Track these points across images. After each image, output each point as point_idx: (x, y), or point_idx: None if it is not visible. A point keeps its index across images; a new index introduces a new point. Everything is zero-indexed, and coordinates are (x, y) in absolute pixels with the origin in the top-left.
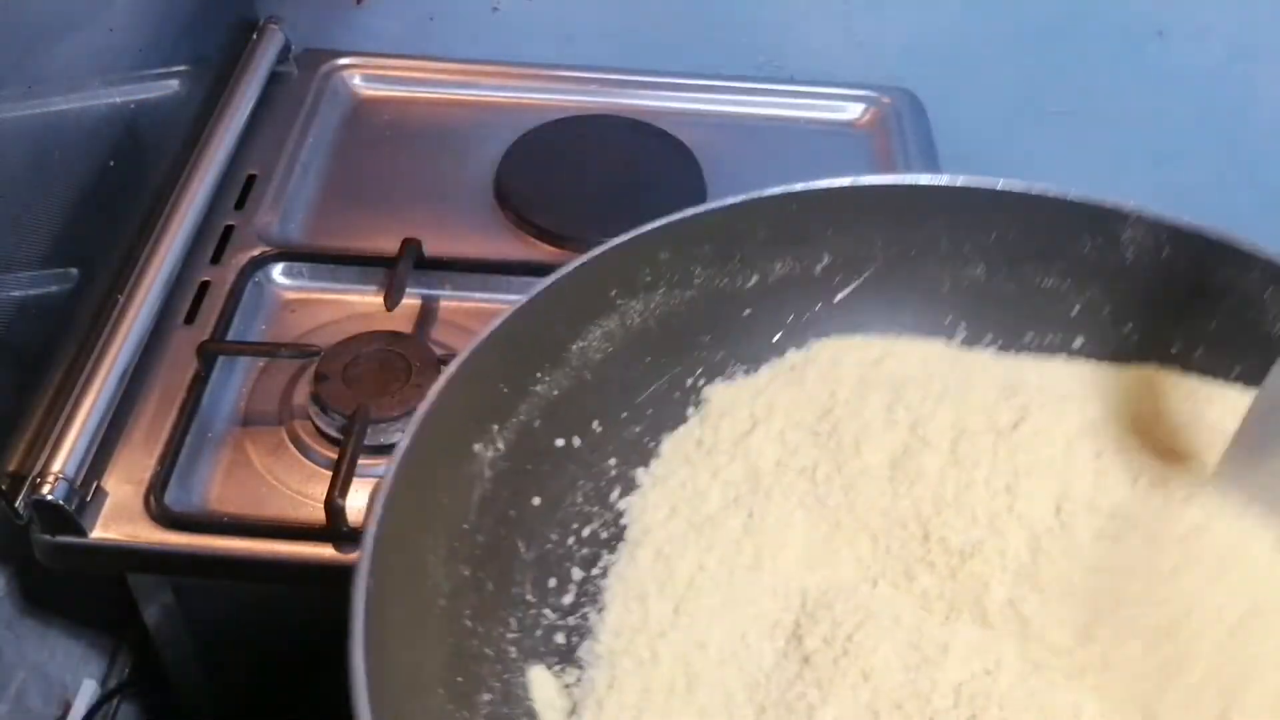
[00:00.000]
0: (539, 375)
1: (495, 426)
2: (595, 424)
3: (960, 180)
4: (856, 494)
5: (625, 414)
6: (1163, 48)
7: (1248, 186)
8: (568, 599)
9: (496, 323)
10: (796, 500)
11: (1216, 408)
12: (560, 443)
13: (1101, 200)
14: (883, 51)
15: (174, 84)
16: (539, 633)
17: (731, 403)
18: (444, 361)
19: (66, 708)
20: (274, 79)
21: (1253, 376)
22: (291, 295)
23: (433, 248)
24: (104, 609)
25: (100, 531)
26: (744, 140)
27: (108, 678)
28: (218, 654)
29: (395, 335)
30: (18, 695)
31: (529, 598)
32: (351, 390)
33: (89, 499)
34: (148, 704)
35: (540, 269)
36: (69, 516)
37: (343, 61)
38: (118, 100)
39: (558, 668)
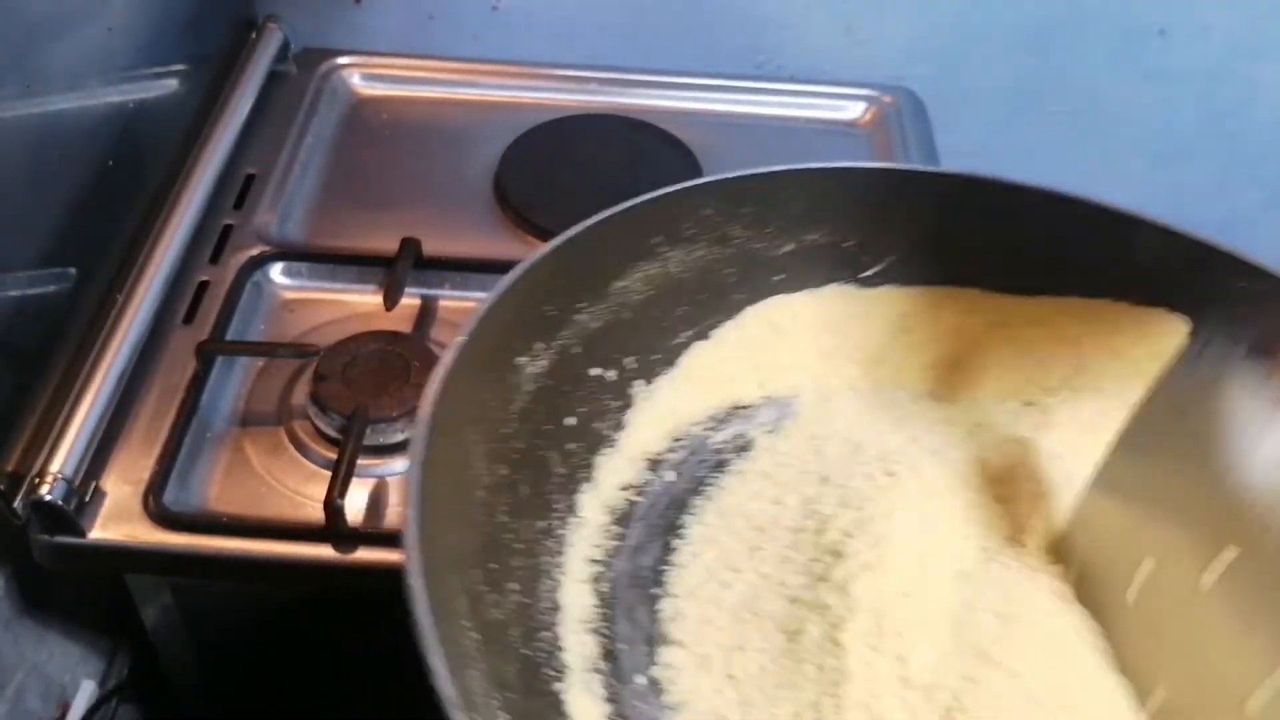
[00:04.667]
0: (582, 305)
1: (540, 344)
2: (629, 360)
3: (994, 176)
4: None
5: (657, 356)
6: (1164, 47)
7: (1249, 185)
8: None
9: (548, 247)
10: None
11: None
12: (595, 372)
13: (1116, 207)
14: (883, 51)
15: (173, 83)
16: (568, 540)
17: None
18: None
19: (65, 708)
20: (273, 78)
21: None
22: (290, 295)
23: (432, 247)
24: (102, 609)
25: (98, 532)
26: (744, 140)
27: (106, 678)
28: (216, 655)
29: (394, 335)
30: (16, 696)
31: (556, 506)
32: (351, 390)
33: (87, 499)
34: (146, 705)
35: None
36: (67, 517)
37: (342, 60)
38: (116, 99)
39: (591, 580)
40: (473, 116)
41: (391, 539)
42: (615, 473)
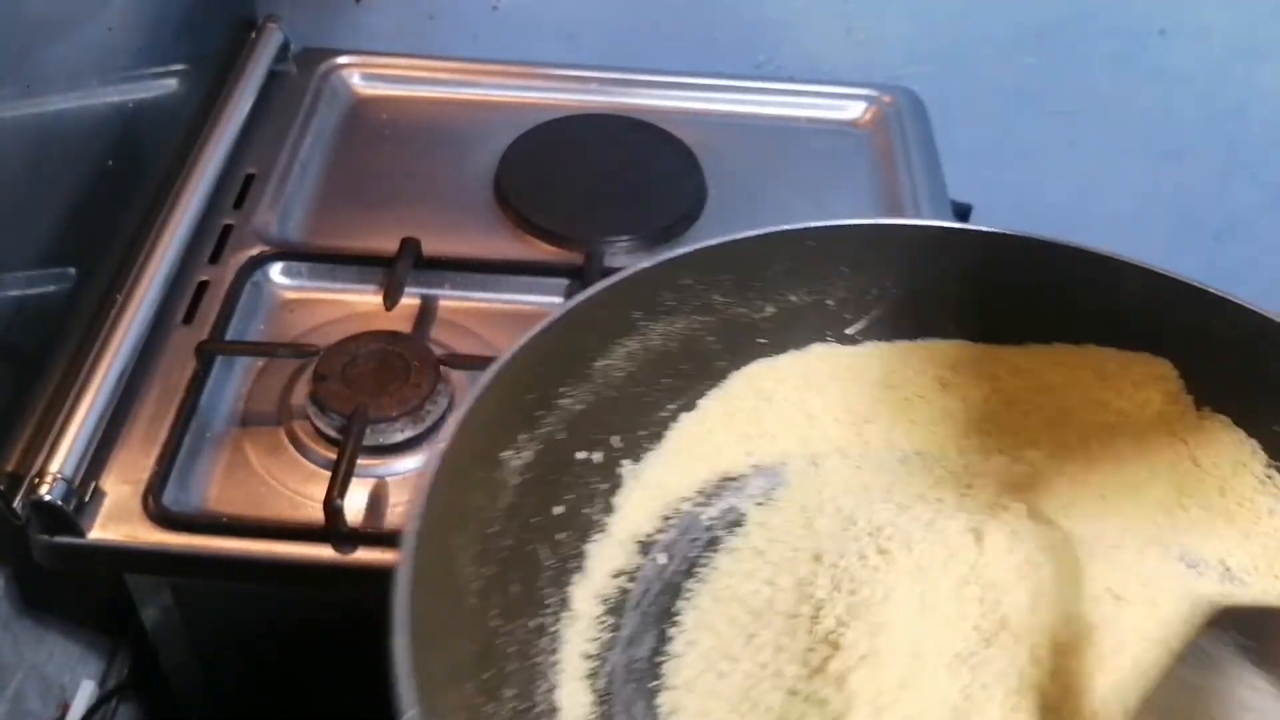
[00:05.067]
0: (564, 389)
1: (524, 435)
2: (615, 439)
3: (971, 227)
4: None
5: (643, 432)
6: (1163, 47)
7: (1249, 185)
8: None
9: (527, 336)
10: None
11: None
12: (581, 455)
13: (1099, 250)
14: (883, 51)
15: (172, 83)
16: (562, 636)
17: None
18: (443, 362)
19: (64, 708)
20: (273, 78)
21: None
22: (290, 295)
23: (432, 247)
24: (102, 610)
25: (98, 532)
26: (744, 140)
27: (106, 678)
28: (216, 655)
29: (394, 335)
30: (15, 696)
31: (549, 602)
32: (350, 390)
33: (87, 499)
34: (146, 705)
35: (540, 268)
36: (67, 517)
37: (342, 60)
38: (116, 99)
39: (587, 676)
40: (473, 116)
41: (391, 539)
42: (607, 559)
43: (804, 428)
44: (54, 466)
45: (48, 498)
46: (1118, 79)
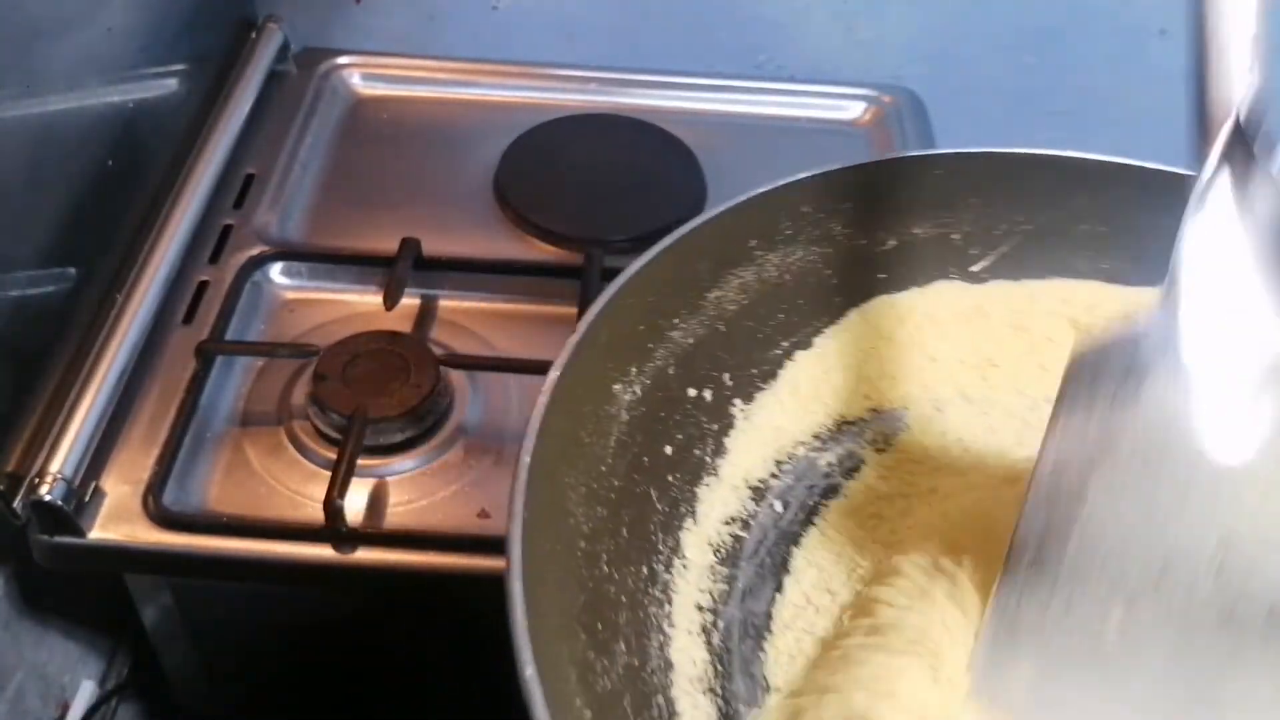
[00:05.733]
0: (676, 321)
1: (634, 369)
2: (727, 377)
3: (1111, 159)
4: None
5: (755, 370)
6: (1164, 46)
7: None
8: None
9: (640, 262)
10: None
11: None
12: (692, 393)
13: None
14: (883, 51)
15: (173, 83)
16: (674, 586)
17: None
18: (444, 362)
19: (65, 708)
20: (273, 78)
21: None
22: (290, 295)
23: (432, 247)
24: (102, 610)
25: (98, 532)
26: (744, 140)
27: (106, 678)
28: (216, 655)
29: (394, 335)
30: (15, 696)
31: (660, 549)
32: (350, 390)
33: (87, 499)
34: (146, 705)
35: (540, 268)
36: (67, 517)
37: (342, 60)
38: (116, 99)
39: (701, 631)
40: (473, 116)
41: (391, 539)
42: (719, 505)
43: (926, 370)
44: (54, 466)
45: (48, 498)
46: (1118, 79)
